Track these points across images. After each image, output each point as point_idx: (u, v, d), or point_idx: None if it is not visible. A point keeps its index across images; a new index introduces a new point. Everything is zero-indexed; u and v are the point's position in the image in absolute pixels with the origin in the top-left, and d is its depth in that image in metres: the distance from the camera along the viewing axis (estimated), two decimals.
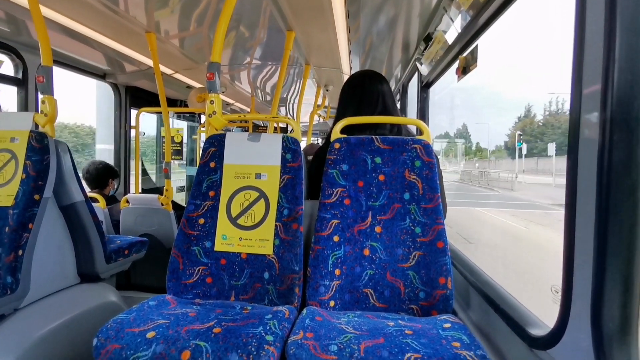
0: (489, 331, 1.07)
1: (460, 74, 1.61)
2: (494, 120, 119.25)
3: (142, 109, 2.94)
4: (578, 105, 0.65)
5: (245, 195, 1.23)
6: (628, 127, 0.57)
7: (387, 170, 1.19)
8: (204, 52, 2.40)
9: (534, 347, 0.79)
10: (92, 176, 2.58)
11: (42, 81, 1.38)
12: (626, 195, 0.57)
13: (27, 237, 1.26)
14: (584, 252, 0.63)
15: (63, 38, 2.04)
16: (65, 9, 1.70)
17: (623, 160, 0.57)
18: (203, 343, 0.84)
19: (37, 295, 1.35)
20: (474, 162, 47.53)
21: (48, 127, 1.40)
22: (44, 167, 1.34)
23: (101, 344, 0.86)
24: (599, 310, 0.59)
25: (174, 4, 1.68)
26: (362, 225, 1.17)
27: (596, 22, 0.61)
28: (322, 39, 2.13)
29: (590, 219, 0.61)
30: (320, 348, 0.82)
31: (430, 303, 1.09)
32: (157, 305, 1.03)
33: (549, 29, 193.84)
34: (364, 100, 1.38)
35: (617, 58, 0.57)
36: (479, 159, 50.95)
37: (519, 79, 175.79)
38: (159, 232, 2.32)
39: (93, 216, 1.56)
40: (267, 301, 1.15)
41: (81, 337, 1.37)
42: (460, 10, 1.49)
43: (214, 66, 1.26)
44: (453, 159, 47.05)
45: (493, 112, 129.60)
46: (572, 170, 0.66)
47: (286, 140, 1.25)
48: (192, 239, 1.20)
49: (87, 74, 2.74)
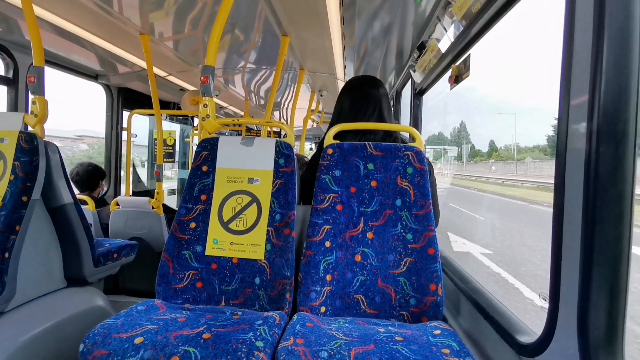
0: (478, 338, 1.08)
1: (453, 82, 1.63)
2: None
3: (135, 111, 2.92)
4: (566, 116, 0.66)
5: (238, 200, 1.22)
6: (615, 138, 0.58)
7: (379, 176, 1.20)
8: (198, 55, 2.40)
9: (522, 354, 0.79)
10: (82, 178, 2.54)
11: (33, 81, 1.36)
12: (612, 205, 0.58)
13: (14, 240, 1.24)
14: (571, 260, 0.64)
15: (55, 38, 2.02)
16: (58, 9, 1.69)
17: (610, 170, 0.58)
18: (192, 349, 0.83)
19: (23, 298, 1.33)
20: (489, 164, 40.01)
21: (38, 128, 1.39)
22: (33, 169, 1.32)
23: (88, 350, 0.85)
24: (586, 318, 0.60)
25: (169, 6, 1.67)
26: (354, 231, 1.17)
27: (584, 34, 0.62)
28: (317, 45, 2.15)
29: (577, 228, 0.62)
30: (310, 354, 0.82)
31: (421, 309, 1.09)
32: (145, 310, 1.02)
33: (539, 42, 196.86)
34: (360, 107, 1.39)
35: (604, 70, 0.58)
36: (495, 160, 43.05)
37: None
38: (149, 236, 2.29)
39: (82, 219, 1.53)
40: (258, 306, 1.14)
41: (67, 342, 1.34)
42: (454, 20, 1.51)
43: (208, 70, 1.26)
44: (448, 163, 41.15)
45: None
46: (560, 180, 0.67)
47: (279, 145, 1.25)
48: (183, 243, 1.19)
49: (79, 75, 2.71)
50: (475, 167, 41.57)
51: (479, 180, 26.98)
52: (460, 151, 45.34)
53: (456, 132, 58.43)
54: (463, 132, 57.73)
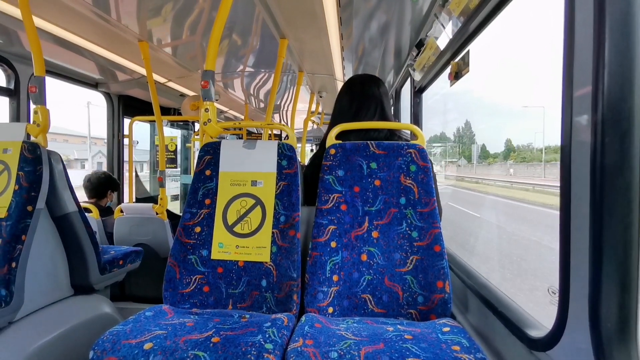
0: (488, 334, 1.08)
1: (452, 79, 1.63)
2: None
3: (135, 118, 2.93)
4: (569, 108, 0.66)
5: (242, 203, 1.22)
6: (620, 128, 0.58)
7: (382, 175, 1.20)
8: (197, 60, 2.41)
9: (533, 349, 0.79)
10: (92, 185, 2.56)
11: (35, 91, 1.37)
12: (620, 196, 0.58)
13: (20, 249, 1.25)
14: (580, 253, 0.63)
15: (55, 48, 2.03)
16: (58, 19, 1.70)
17: (616, 160, 0.58)
18: (202, 353, 0.83)
19: (31, 308, 1.33)
20: (507, 166, 32.94)
21: (41, 137, 1.39)
22: (37, 178, 1.32)
23: (97, 357, 0.85)
24: (597, 311, 0.59)
25: (167, 13, 1.68)
26: (359, 230, 1.17)
27: (586, 24, 0.62)
28: (315, 46, 2.15)
29: (585, 220, 0.62)
30: (320, 355, 0.81)
31: (429, 307, 1.09)
32: (153, 315, 1.02)
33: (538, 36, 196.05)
34: (361, 105, 1.39)
35: (607, 60, 0.58)
36: (514, 162, 35.84)
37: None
38: (154, 242, 2.30)
39: (86, 226, 1.54)
40: (266, 309, 1.14)
41: (76, 350, 1.34)
42: (451, 17, 1.51)
43: (208, 74, 1.27)
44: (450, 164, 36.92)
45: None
46: (566, 172, 0.67)
47: (281, 147, 1.25)
48: (189, 248, 1.19)
49: (80, 84, 2.73)
50: (488, 170, 35.43)
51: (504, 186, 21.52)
52: (462, 149, 43.24)
53: (461, 131, 55.28)
54: (467, 131, 53.99)
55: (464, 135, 53.87)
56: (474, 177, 30.20)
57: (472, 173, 34.34)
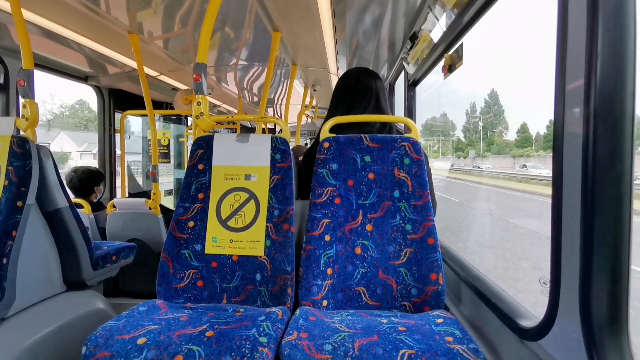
0: (480, 325, 1.09)
1: (446, 71, 1.62)
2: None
3: (127, 112, 2.89)
4: (562, 100, 0.66)
5: (235, 197, 1.22)
6: (611, 121, 0.58)
7: (376, 168, 1.19)
8: (189, 53, 2.37)
9: (524, 339, 0.80)
10: (75, 186, 2.53)
11: (23, 85, 1.34)
12: (611, 187, 0.58)
13: (11, 245, 1.23)
14: (571, 243, 0.64)
15: (44, 41, 1.99)
16: (47, 11, 1.66)
17: (607, 153, 0.58)
18: (196, 347, 0.83)
19: (23, 304, 1.31)
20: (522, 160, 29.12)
21: (29, 132, 1.37)
22: (26, 173, 1.30)
23: (90, 352, 0.84)
24: (588, 301, 0.60)
25: (157, 5, 1.65)
26: (353, 223, 1.17)
27: (579, 17, 0.62)
28: (309, 39, 2.13)
29: (576, 211, 0.62)
30: (314, 348, 0.82)
31: (423, 299, 1.09)
32: (147, 310, 1.02)
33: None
34: (356, 98, 1.39)
35: (599, 53, 0.58)
36: (528, 156, 31.83)
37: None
38: (147, 237, 2.28)
39: (78, 222, 1.52)
40: (260, 303, 1.14)
41: (69, 346, 1.33)
42: (445, 9, 1.50)
43: (200, 67, 1.25)
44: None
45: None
46: (558, 164, 0.67)
47: (275, 141, 1.24)
48: (182, 243, 1.19)
49: (69, 77, 2.68)
50: (495, 162, 32.65)
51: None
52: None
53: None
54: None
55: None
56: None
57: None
